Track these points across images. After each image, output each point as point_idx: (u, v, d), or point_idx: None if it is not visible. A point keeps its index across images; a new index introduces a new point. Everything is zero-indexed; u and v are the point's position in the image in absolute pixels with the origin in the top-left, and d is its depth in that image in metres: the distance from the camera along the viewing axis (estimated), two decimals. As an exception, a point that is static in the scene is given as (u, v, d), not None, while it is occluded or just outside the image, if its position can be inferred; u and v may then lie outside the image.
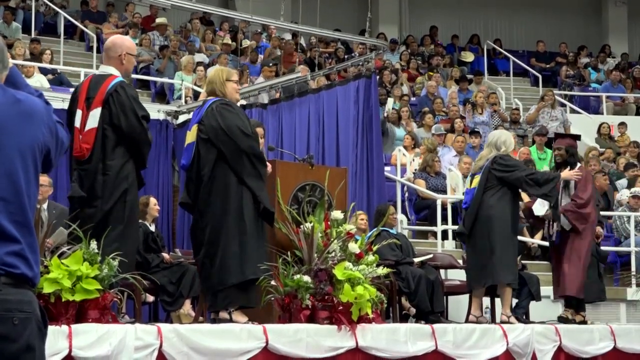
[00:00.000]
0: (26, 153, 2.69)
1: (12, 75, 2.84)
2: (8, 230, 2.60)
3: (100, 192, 5.70)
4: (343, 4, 21.84)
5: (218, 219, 6.05)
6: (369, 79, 9.69)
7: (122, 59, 5.91)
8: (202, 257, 6.12)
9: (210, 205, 6.07)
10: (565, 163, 8.38)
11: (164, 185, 10.50)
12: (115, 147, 5.76)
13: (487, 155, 7.91)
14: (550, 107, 15.49)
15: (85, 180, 5.73)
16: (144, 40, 15.80)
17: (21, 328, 2.58)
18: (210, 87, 6.37)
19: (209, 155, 6.11)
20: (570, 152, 8.43)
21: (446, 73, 18.58)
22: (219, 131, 6.08)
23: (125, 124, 5.78)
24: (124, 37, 7.56)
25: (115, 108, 5.76)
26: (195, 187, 6.16)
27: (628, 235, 11.35)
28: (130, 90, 5.93)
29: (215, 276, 6.02)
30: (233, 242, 6.00)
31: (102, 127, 5.75)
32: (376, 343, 6.02)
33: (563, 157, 8.41)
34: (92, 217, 5.58)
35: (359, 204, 8.57)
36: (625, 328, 8.07)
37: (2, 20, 15.59)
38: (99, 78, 5.90)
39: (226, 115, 6.13)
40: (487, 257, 7.54)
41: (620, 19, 23.34)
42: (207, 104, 6.27)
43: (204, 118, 6.17)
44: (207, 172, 6.08)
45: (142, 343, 5.08)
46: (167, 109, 11.35)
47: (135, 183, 5.88)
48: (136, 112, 5.81)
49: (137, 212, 5.97)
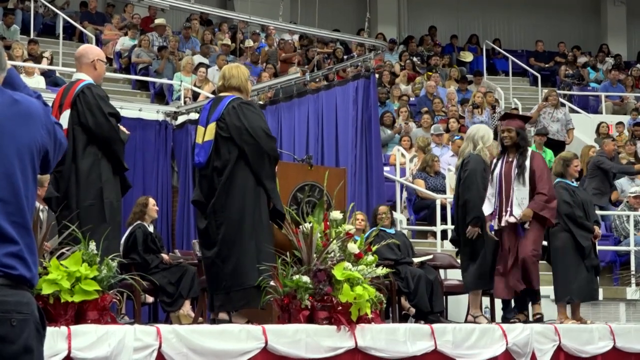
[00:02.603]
0: (24, 154, 2.69)
1: (10, 76, 2.85)
2: (6, 231, 2.60)
3: (74, 193, 5.72)
4: (342, 4, 21.84)
5: (235, 219, 6.05)
6: (368, 79, 9.70)
7: (94, 65, 6.03)
8: (214, 257, 6.11)
9: (227, 205, 6.06)
10: (516, 146, 7.73)
11: (163, 186, 10.51)
12: (86, 147, 5.80)
13: (464, 150, 7.95)
14: (552, 108, 15.42)
15: (61, 182, 5.78)
16: (143, 42, 15.80)
17: (19, 329, 2.58)
18: (229, 83, 6.30)
19: (229, 154, 6.09)
20: (521, 135, 7.76)
21: (445, 73, 18.59)
22: (244, 131, 6.06)
23: (92, 122, 5.81)
24: (93, 45, 7.72)
25: (82, 107, 5.82)
26: (210, 185, 6.13)
27: (627, 234, 11.35)
28: (97, 90, 5.96)
29: (229, 277, 6.02)
30: (250, 243, 6.01)
31: (72, 128, 5.80)
32: (375, 343, 6.01)
33: (513, 140, 7.73)
34: (70, 218, 5.57)
35: (358, 204, 8.57)
36: (624, 327, 8.06)
37: (1, 23, 15.59)
38: (70, 85, 6.06)
39: (249, 115, 6.11)
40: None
41: (618, 19, 23.35)
42: (226, 101, 6.21)
43: (225, 116, 6.12)
44: (227, 171, 6.07)
45: (141, 344, 5.07)
46: (166, 109, 11.36)
47: (112, 182, 5.87)
48: (102, 110, 5.83)
49: (119, 212, 5.95)
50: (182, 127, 10.63)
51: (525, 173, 7.57)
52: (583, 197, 8.42)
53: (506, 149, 7.74)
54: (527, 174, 7.57)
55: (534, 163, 7.64)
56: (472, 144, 7.86)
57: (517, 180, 7.58)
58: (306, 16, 15.45)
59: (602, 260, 10.58)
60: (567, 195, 8.20)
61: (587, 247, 8.12)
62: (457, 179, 7.91)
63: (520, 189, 7.57)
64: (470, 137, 7.94)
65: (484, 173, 7.72)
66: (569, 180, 8.40)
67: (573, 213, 8.13)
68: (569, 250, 8.12)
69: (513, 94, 18.31)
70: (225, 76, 6.37)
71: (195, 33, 17.41)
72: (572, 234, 8.10)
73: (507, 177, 7.62)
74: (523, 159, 7.65)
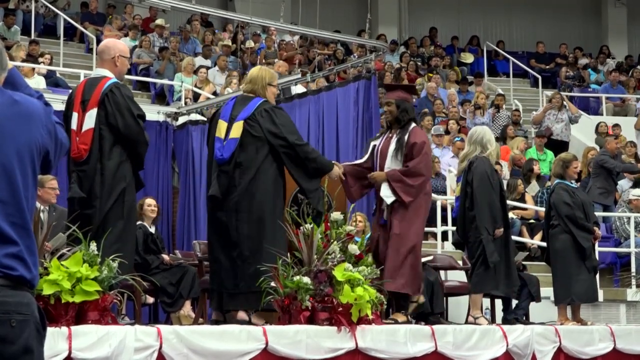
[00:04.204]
0: (24, 154, 2.69)
1: (11, 76, 2.84)
2: (6, 232, 2.60)
3: (98, 193, 5.71)
4: (343, 5, 21.84)
5: (257, 219, 6.12)
6: (369, 81, 9.69)
7: (115, 61, 5.96)
8: (235, 257, 6.11)
9: (251, 204, 6.12)
10: (397, 121, 6.93)
11: (164, 186, 10.50)
12: (112, 147, 5.78)
13: (470, 154, 7.70)
14: (556, 109, 15.56)
15: (85, 181, 5.74)
16: (144, 42, 15.81)
17: (19, 330, 2.58)
18: (251, 87, 6.43)
19: (257, 153, 6.17)
20: (402, 107, 6.90)
21: (445, 74, 18.59)
22: (279, 138, 6.19)
23: (122, 123, 5.79)
24: (117, 40, 7.61)
25: (111, 108, 5.78)
26: (229, 182, 6.16)
27: (628, 236, 11.35)
28: (125, 90, 5.95)
29: (249, 278, 6.02)
30: (270, 244, 6.04)
31: (99, 128, 5.77)
32: (376, 344, 6.01)
33: (393, 114, 6.92)
34: (92, 218, 5.59)
35: (358, 205, 8.56)
36: (625, 329, 8.06)
37: (2, 23, 15.60)
38: (94, 80, 5.95)
39: (283, 120, 6.27)
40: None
41: (619, 20, 23.35)
42: (256, 101, 6.31)
43: (257, 117, 6.22)
44: (253, 170, 6.14)
45: (141, 344, 5.07)
46: (167, 110, 11.35)
47: (132, 183, 5.89)
48: (132, 111, 5.82)
49: (135, 212, 5.99)
50: (183, 127, 10.63)
51: (403, 149, 6.77)
52: (583, 198, 8.42)
53: (390, 126, 6.98)
54: (404, 149, 6.76)
55: (412, 138, 6.82)
56: (479, 147, 7.64)
57: (394, 157, 6.81)
58: (307, 17, 15.44)
59: (602, 262, 10.60)
60: (567, 197, 8.19)
61: (588, 249, 8.10)
62: (463, 181, 7.66)
63: (392, 168, 6.82)
64: (477, 140, 7.69)
65: (493, 177, 7.61)
66: (568, 181, 8.39)
67: (573, 214, 8.11)
68: (569, 251, 8.11)
69: (514, 96, 18.31)
70: (252, 79, 6.47)
71: (196, 34, 17.42)
72: (573, 236, 8.09)
73: (383, 154, 6.91)
74: (403, 133, 6.86)
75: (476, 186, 7.48)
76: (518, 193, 11.79)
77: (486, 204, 7.45)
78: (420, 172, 6.76)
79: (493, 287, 7.59)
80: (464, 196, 7.60)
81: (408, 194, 6.71)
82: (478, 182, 7.49)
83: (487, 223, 7.41)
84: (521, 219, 11.73)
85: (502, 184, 8.01)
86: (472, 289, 7.66)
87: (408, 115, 6.93)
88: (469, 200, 7.53)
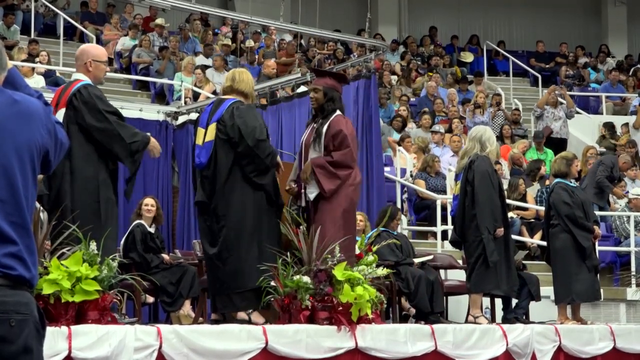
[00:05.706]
0: (24, 154, 2.68)
1: (11, 76, 2.84)
2: (5, 231, 2.60)
3: (68, 191, 5.72)
4: (342, 4, 21.84)
5: (235, 221, 6.11)
6: (369, 80, 9.69)
7: (88, 67, 5.99)
8: (214, 258, 6.13)
9: (228, 207, 6.12)
10: (322, 110, 6.49)
11: (164, 186, 10.51)
12: (81, 146, 5.78)
13: (470, 151, 7.73)
14: (553, 107, 15.59)
15: (53, 180, 5.75)
16: (144, 42, 15.81)
17: (18, 330, 2.58)
18: (238, 86, 6.38)
19: (226, 156, 6.15)
20: (329, 96, 6.46)
21: (445, 73, 18.59)
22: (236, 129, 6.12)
23: (89, 120, 5.79)
24: (94, 45, 7.68)
25: (79, 105, 5.81)
26: (212, 186, 6.17)
27: (628, 235, 11.34)
28: (94, 90, 5.95)
29: (228, 278, 6.05)
30: (251, 245, 6.05)
31: (67, 127, 5.78)
32: (376, 344, 6.01)
33: (319, 102, 6.47)
34: (64, 217, 5.56)
35: (358, 204, 8.56)
36: (624, 328, 8.06)
37: (2, 23, 15.59)
38: (68, 84, 6.06)
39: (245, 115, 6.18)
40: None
41: (619, 19, 23.34)
42: (227, 103, 6.28)
43: (225, 118, 6.20)
44: (226, 173, 6.13)
45: (141, 344, 5.08)
46: (167, 109, 11.36)
47: (108, 181, 5.86)
48: (99, 109, 5.81)
49: (114, 210, 5.93)
50: (183, 127, 10.63)
51: (322, 139, 6.36)
52: (582, 197, 8.41)
53: (315, 114, 6.57)
54: (322, 139, 6.35)
55: (332, 128, 6.38)
56: (479, 145, 7.67)
57: (312, 148, 6.43)
58: (307, 16, 15.45)
59: (602, 261, 10.58)
60: (566, 196, 8.19)
61: (588, 248, 8.10)
62: (463, 179, 7.67)
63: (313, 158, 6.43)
64: (477, 138, 7.72)
65: (493, 175, 7.61)
66: (569, 180, 8.39)
67: (573, 214, 8.11)
68: (569, 251, 8.11)
69: (514, 95, 18.31)
70: (236, 79, 6.44)
71: (197, 33, 17.41)
72: (573, 235, 8.09)
73: (306, 147, 6.53)
74: (323, 123, 6.44)
75: (477, 185, 7.49)
76: (519, 193, 11.77)
77: (487, 203, 7.45)
78: (346, 163, 6.36)
79: (493, 287, 7.59)
80: (464, 195, 7.61)
81: (330, 182, 6.29)
82: (479, 181, 7.50)
83: (488, 222, 7.42)
84: (521, 218, 11.72)
85: (502, 184, 8.01)
86: (472, 288, 7.66)
87: (334, 104, 6.47)
88: (469, 198, 7.54)
